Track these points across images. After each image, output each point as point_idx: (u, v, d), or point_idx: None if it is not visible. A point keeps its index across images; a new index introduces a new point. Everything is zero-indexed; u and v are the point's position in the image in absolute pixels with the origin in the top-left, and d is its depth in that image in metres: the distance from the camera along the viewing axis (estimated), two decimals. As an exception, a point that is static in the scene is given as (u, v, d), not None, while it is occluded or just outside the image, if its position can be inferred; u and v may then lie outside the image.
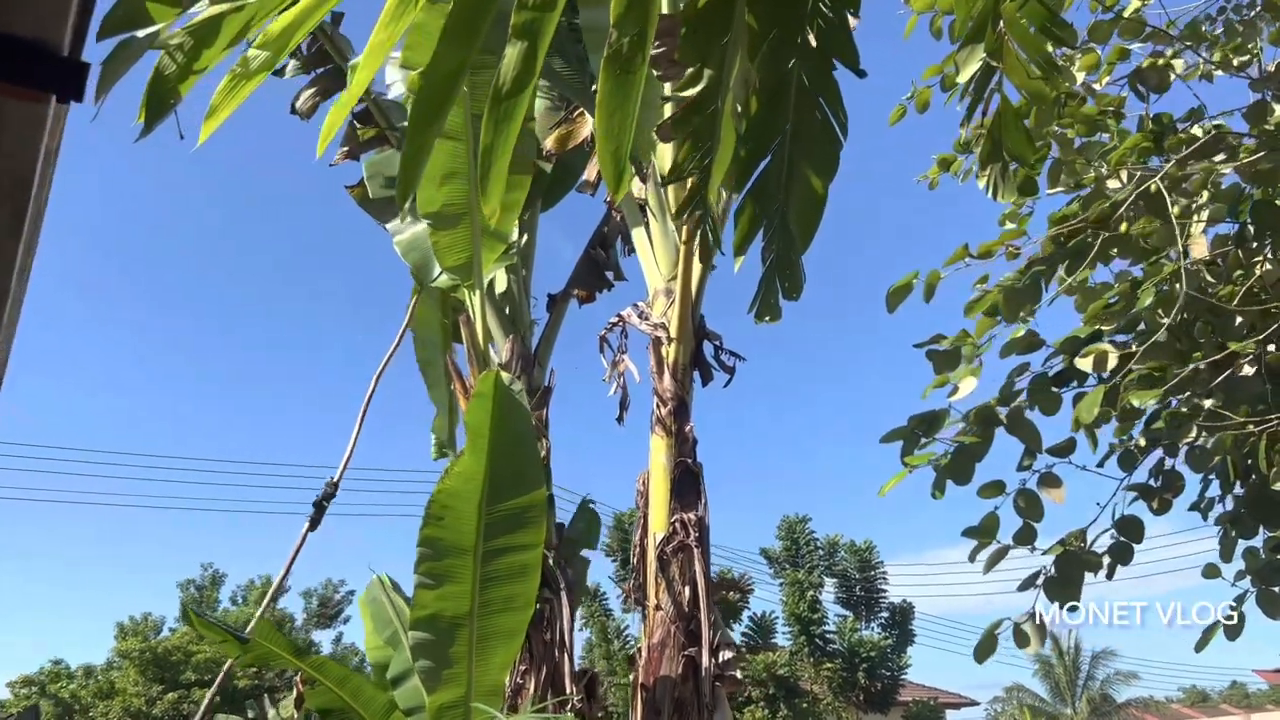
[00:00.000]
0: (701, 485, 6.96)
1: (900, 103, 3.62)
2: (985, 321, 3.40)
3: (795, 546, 34.82)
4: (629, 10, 3.08)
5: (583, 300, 10.14)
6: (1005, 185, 3.11)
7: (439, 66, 3.09)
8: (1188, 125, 3.56)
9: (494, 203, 3.44)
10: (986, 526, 2.76)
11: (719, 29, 2.96)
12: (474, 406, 5.97)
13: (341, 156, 9.41)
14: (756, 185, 3.10)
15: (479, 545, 6.22)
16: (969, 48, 2.91)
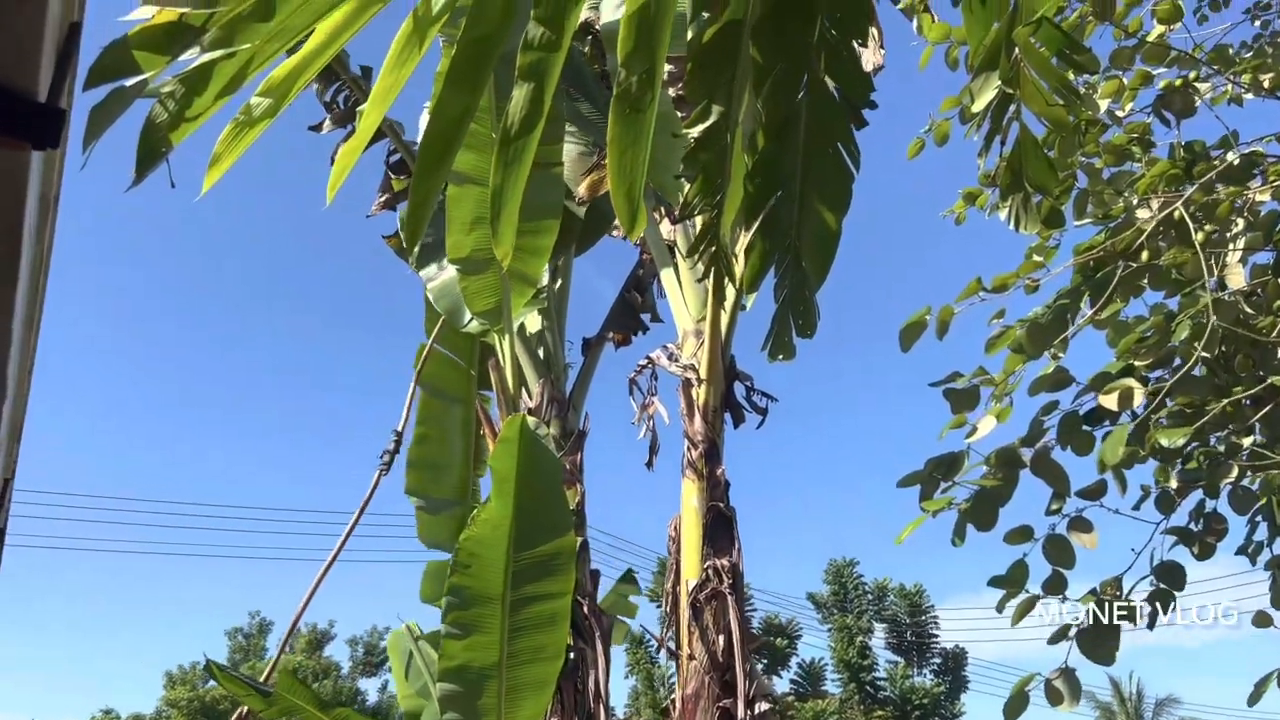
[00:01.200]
0: (735, 530, 6.81)
1: (919, 135, 3.53)
2: (1014, 358, 3.27)
3: (843, 591, 34.24)
4: (636, 49, 3.04)
5: (618, 343, 10.08)
6: (1028, 216, 3.00)
7: (444, 112, 3.07)
8: (1221, 153, 3.43)
9: (505, 245, 3.39)
10: (1014, 575, 2.62)
11: (725, 65, 2.90)
12: (500, 452, 5.91)
13: (379, 207, 9.50)
14: (767, 221, 3.01)
15: (507, 594, 6.13)
16: (983, 76, 2.82)
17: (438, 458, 8.55)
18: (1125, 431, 2.50)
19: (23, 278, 2.52)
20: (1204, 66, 3.07)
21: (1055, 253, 3.36)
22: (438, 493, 8.52)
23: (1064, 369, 3.03)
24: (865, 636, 32.86)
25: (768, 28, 2.72)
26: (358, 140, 3.12)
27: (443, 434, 8.66)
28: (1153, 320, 3.06)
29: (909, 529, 2.69)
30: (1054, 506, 2.69)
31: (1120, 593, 2.63)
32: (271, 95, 2.73)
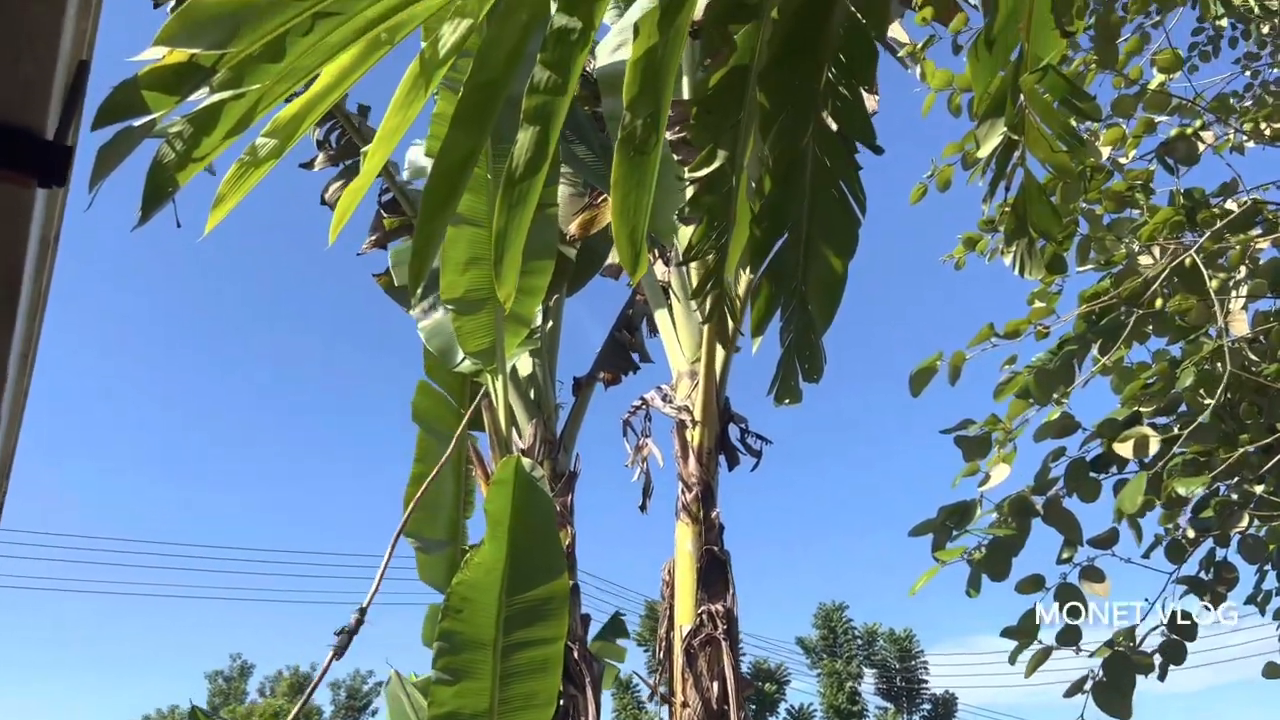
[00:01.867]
0: (729, 575, 6.74)
1: (921, 181, 3.54)
2: (1018, 404, 3.26)
3: (833, 635, 34.01)
4: (642, 93, 3.04)
5: (608, 383, 10.06)
6: (1032, 262, 3.00)
7: (450, 153, 3.06)
8: (1221, 200, 3.45)
9: (509, 286, 3.38)
10: (1025, 626, 2.58)
11: (731, 110, 2.90)
12: (494, 493, 5.84)
13: (369, 245, 9.49)
14: (773, 265, 3.00)
15: (499, 639, 6.03)
16: (989, 122, 2.83)
17: (433, 497, 8.47)
18: (1143, 480, 2.48)
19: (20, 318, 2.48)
20: (1206, 114, 3.09)
21: (1058, 298, 3.35)
22: (432, 533, 8.44)
23: (1070, 415, 3.01)
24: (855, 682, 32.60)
25: (775, 74, 2.73)
26: (362, 181, 3.11)
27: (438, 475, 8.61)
28: (1157, 367, 3.05)
29: (923, 579, 2.65)
30: (1065, 555, 2.66)
31: (1135, 643, 2.60)
32: (277, 136, 2.71)
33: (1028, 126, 2.80)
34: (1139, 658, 2.56)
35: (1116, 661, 2.53)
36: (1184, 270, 2.84)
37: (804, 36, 2.72)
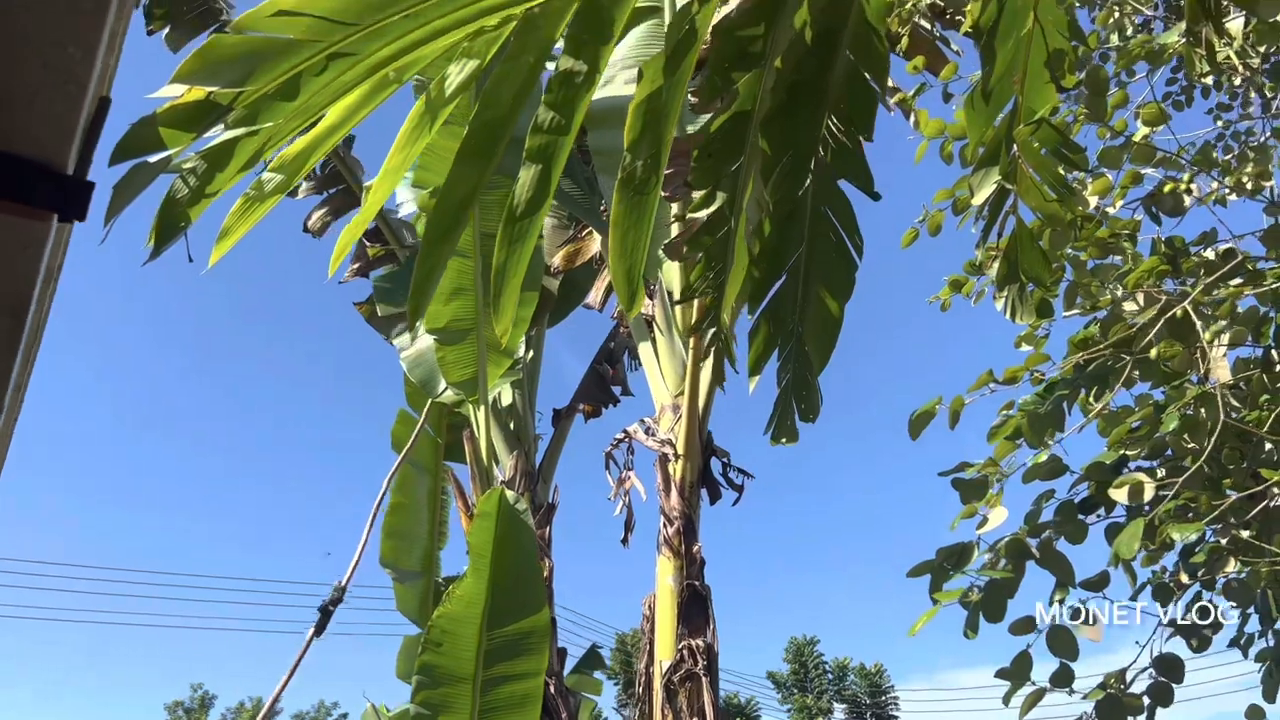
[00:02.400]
0: (710, 609, 6.72)
1: (913, 226, 3.61)
2: (1005, 446, 3.31)
3: (803, 670, 33.92)
4: (643, 135, 3.09)
5: (588, 415, 10.08)
6: (1023, 307, 3.06)
7: (454, 188, 3.09)
8: (1200, 248, 3.54)
9: (506, 321, 3.41)
10: (1019, 668, 2.62)
11: (732, 154, 2.96)
12: (477, 526, 5.83)
13: (351, 274, 9.49)
14: (771, 306, 3.05)
15: (478, 673, 6.01)
16: (983, 171, 2.90)
17: (408, 528, 8.43)
18: (1140, 525, 2.54)
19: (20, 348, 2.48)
20: (1191, 167, 3.19)
21: (1045, 342, 3.43)
22: (407, 564, 8.38)
23: (1058, 457, 3.07)
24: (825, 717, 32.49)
25: (777, 121, 2.79)
26: (365, 215, 3.13)
27: (414, 503, 8.56)
28: (1142, 412, 3.12)
29: (922, 620, 2.69)
30: (1058, 597, 2.71)
31: (1125, 685, 2.64)
32: (283, 171, 2.74)
33: (1020, 176, 2.88)
34: (1129, 699, 2.60)
35: (1108, 704, 2.57)
36: (1173, 318, 2.92)
37: (807, 86, 2.78)
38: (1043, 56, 2.68)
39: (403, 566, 8.37)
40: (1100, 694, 2.60)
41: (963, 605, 2.69)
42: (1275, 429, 2.94)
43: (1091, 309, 3.47)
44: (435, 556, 9.12)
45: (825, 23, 2.66)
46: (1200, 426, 3.08)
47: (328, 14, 2.30)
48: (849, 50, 2.77)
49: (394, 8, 2.39)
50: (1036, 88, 2.76)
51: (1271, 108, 3.35)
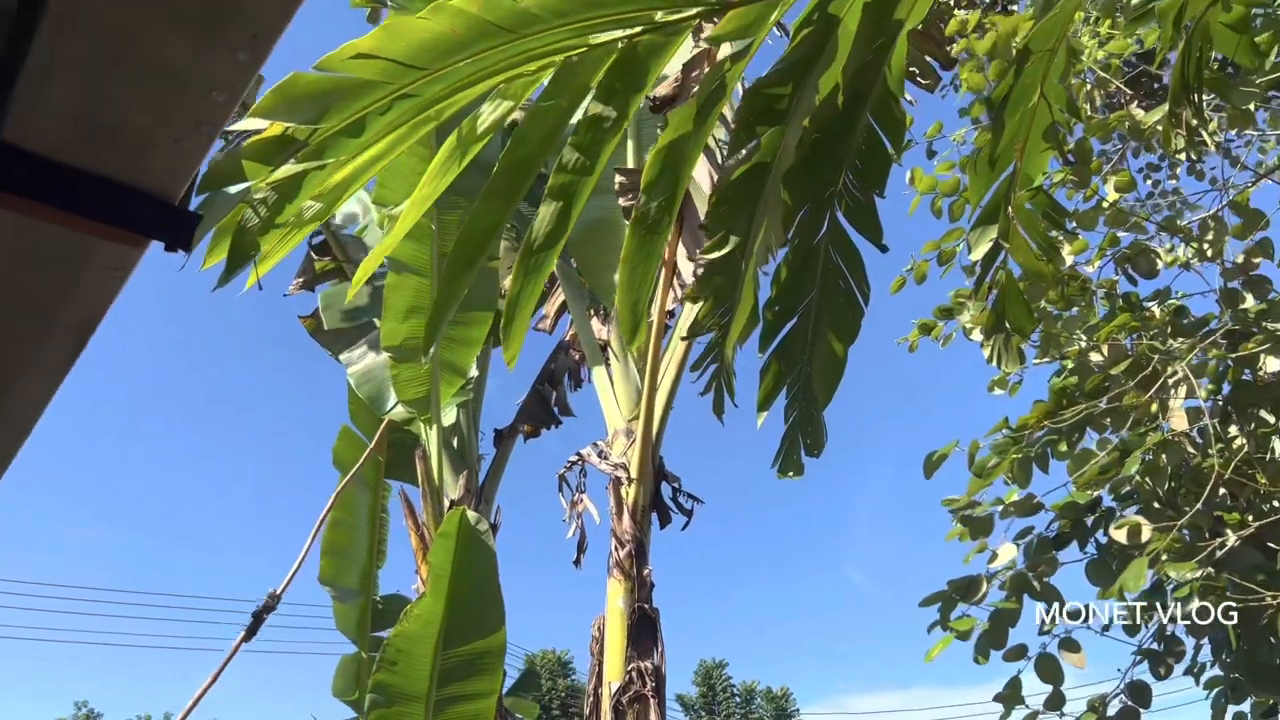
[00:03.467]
0: (659, 631, 6.86)
1: (900, 274, 3.85)
2: (976, 483, 3.55)
3: (712, 693, 34.16)
4: (660, 177, 3.24)
5: (528, 435, 10.14)
6: (1008, 355, 3.30)
7: (478, 222, 3.20)
8: (1154, 304, 3.85)
9: (514, 349, 3.51)
10: (1012, 692, 2.83)
11: (747, 202, 3.13)
12: (438, 546, 5.87)
13: (297, 287, 9.38)
14: (782, 346, 3.23)
15: (432, 692, 6.03)
16: (981, 229, 3.13)
17: (348, 545, 8.34)
18: (1144, 563, 2.77)
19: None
20: (1162, 233, 3.49)
21: (1019, 388, 3.68)
22: (346, 582, 8.29)
23: (1033, 495, 3.31)
24: (732, 739, 32.72)
25: (800, 175, 2.97)
26: (392, 239, 3.21)
27: (354, 521, 8.47)
28: (1108, 455, 3.38)
29: (938, 648, 2.88)
30: (1047, 627, 2.93)
31: (1104, 709, 2.87)
32: (323, 200, 2.81)
33: (1013, 234, 3.12)
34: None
35: (1096, 727, 2.80)
36: (1139, 370, 3.18)
37: (830, 143, 2.97)
38: (1042, 128, 2.93)
39: (342, 584, 8.28)
40: (1092, 717, 2.82)
41: (960, 637, 2.90)
42: (1231, 475, 3.22)
43: (1061, 357, 3.73)
44: (373, 575, 9.03)
45: (854, 88, 2.86)
46: (1160, 470, 3.35)
47: (401, 58, 2.40)
48: (870, 113, 2.98)
49: (460, 54, 2.50)
50: (1034, 156, 3.00)
51: (1228, 182, 3.69)
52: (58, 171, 1.81)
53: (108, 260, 2.06)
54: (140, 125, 1.73)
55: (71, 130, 1.73)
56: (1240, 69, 3.14)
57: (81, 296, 2.15)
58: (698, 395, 3.60)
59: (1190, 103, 2.84)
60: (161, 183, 1.87)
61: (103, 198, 1.84)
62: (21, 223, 1.88)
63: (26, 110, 1.69)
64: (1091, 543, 3.30)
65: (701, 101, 2.96)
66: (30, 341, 2.23)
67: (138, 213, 1.88)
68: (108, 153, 1.80)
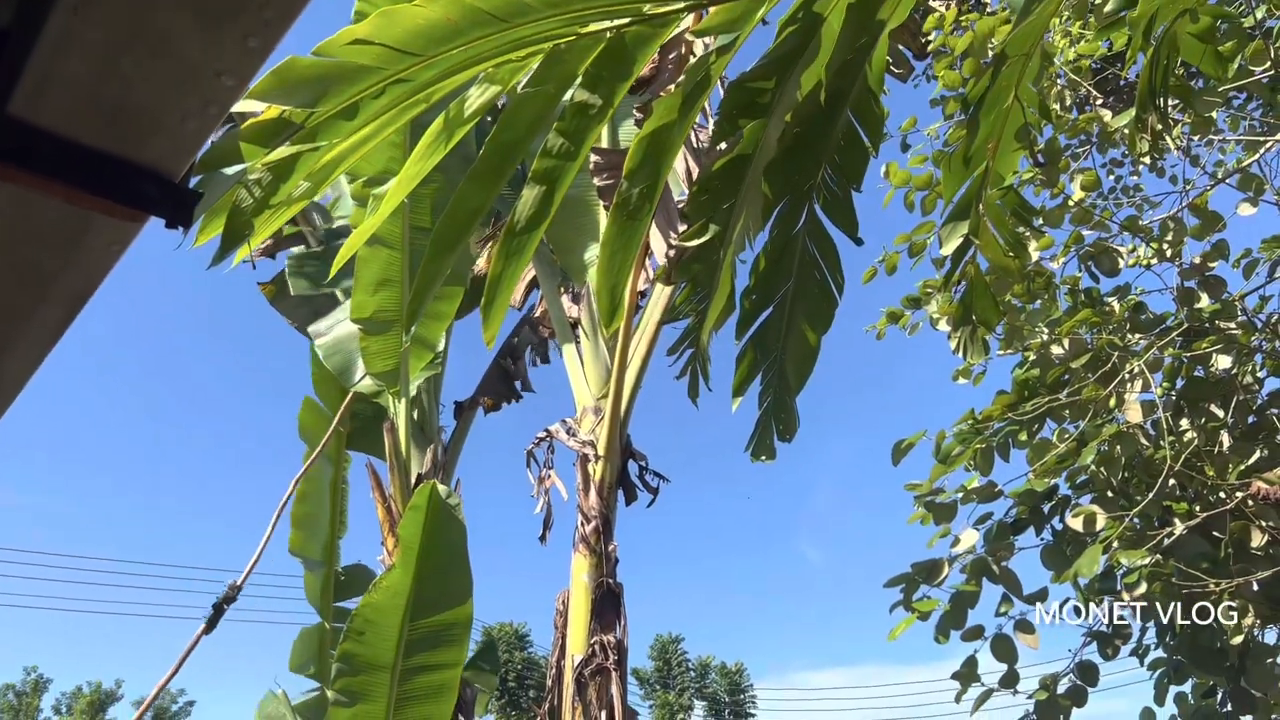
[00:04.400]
0: (622, 606, 6.97)
1: (872, 265, 3.95)
2: (939, 469, 3.67)
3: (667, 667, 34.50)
4: (643, 165, 3.31)
5: (488, 409, 10.17)
6: (974, 347, 3.42)
7: (463, 203, 3.25)
8: (1114, 300, 3.99)
9: (494, 328, 3.57)
10: (968, 670, 2.96)
11: (728, 192, 3.21)
12: (408, 519, 5.92)
13: (259, 254, 9.32)
14: (758, 334, 3.32)
15: (398, 662, 6.09)
16: (952, 225, 3.24)
17: (315, 516, 8.34)
18: (1099, 550, 2.91)
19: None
20: (1123, 233, 3.62)
21: (982, 378, 3.81)
22: (312, 553, 8.31)
23: (994, 483, 3.44)
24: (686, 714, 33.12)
25: (780, 167, 3.05)
26: (377, 218, 3.25)
27: (319, 493, 8.46)
28: (1066, 445, 3.52)
29: (901, 628, 3.00)
30: (1003, 609, 3.07)
31: (1055, 687, 3.01)
32: (311, 180, 2.84)
33: (982, 231, 3.22)
34: (1062, 701, 2.98)
35: (1048, 705, 2.94)
36: (1099, 365, 3.31)
37: (810, 137, 3.05)
38: (1015, 129, 3.03)
39: (309, 556, 8.30)
40: (1044, 695, 2.96)
41: (920, 618, 3.02)
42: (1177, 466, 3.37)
43: (1024, 349, 3.86)
44: (335, 546, 9.04)
45: (835, 85, 2.94)
46: (1115, 461, 3.50)
47: (397, 44, 2.44)
48: (851, 110, 3.06)
49: (454, 41, 2.54)
50: (1006, 155, 3.11)
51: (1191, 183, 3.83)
52: (63, 147, 1.84)
53: (107, 235, 2.09)
54: (148, 105, 1.77)
55: (80, 107, 1.77)
56: (1206, 77, 3.26)
57: (78, 269, 2.18)
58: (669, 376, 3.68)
59: (1156, 109, 2.95)
60: (165, 161, 1.91)
61: (107, 174, 1.87)
62: (24, 195, 1.91)
63: (36, 85, 1.71)
64: (1047, 529, 3.44)
65: (686, 92, 3.02)
66: (25, 312, 2.26)
67: (140, 189, 1.91)
68: (114, 130, 1.84)
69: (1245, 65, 3.12)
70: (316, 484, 8.57)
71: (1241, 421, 3.54)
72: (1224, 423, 3.43)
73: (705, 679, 35.85)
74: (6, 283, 2.16)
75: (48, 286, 2.18)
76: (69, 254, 2.10)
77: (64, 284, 2.21)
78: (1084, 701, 3.09)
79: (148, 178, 1.95)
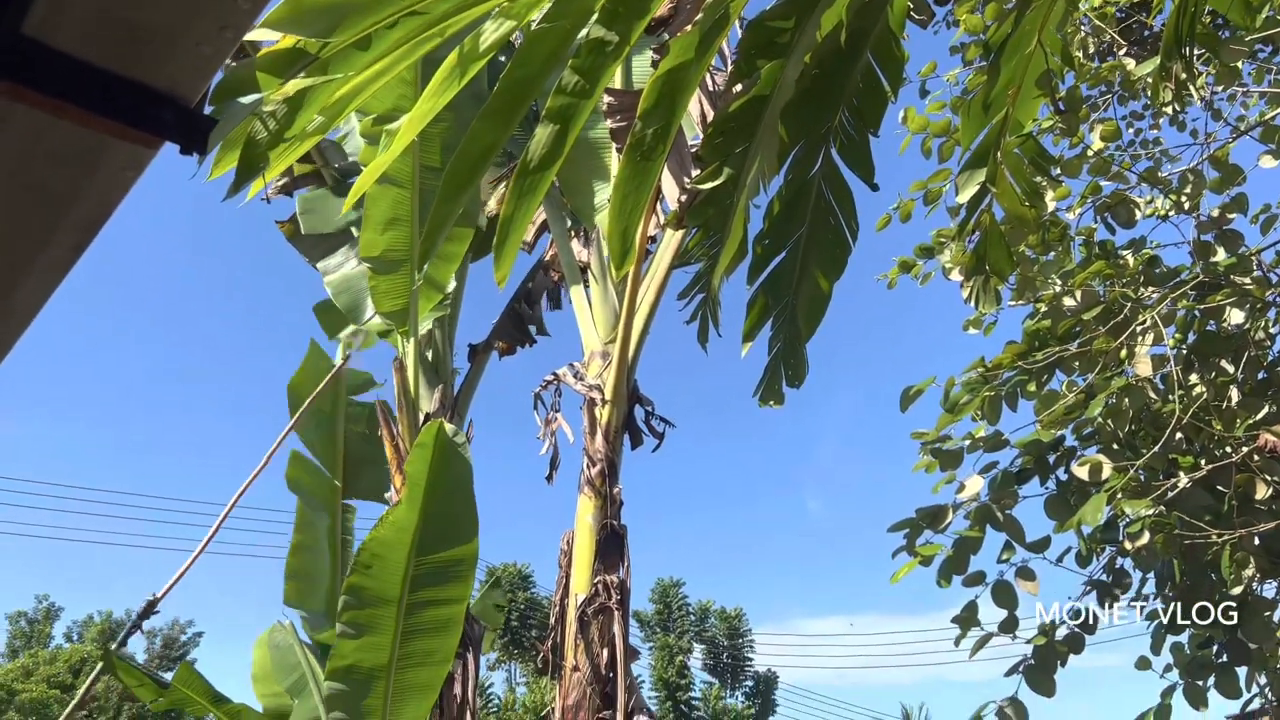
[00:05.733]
0: (625, 548, 7.06)
1: (887, 212, 3.92)
2: (945, 419, 3.68)
3: (668, 610, 34.92)
4: (657, 105, 3.28)
5: (503, 353, 10.18)
6: (986, 296, 3.40)
7: (475, 142, 3.22)
8: (1130, 253, 3.96)
9: (505, 269, 3.56)
10: (968, 614, 3.00)
11: (742, 135, 3.18)
12: (414, 457, 5.96)
13: (275, 191, 9.28)
14: (769, 279, 3.31)
15: (404, 597, 6.17)
16: (969, 172, 3.21)
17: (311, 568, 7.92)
18: (1104, 498, 2.92)
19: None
20: (1141, 184, 3.58)
21: (994, 328, 3.80)
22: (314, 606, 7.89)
23: (1000, 433, 3.45)
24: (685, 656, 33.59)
25: (797, 110, 3.02)
26: (389, 155, 3.23)
27: (315, 543, 8.05)
28: (1074, 396, 3.52)
29: (903, 571, 3.04)
30: (1004, 556, 3.10)
31: (1054, 634, 3.05)
32: (325, 114, 2.82)
33: (999, 179, 3.20)
34: (1060, 647, 3.02)
35: (1046, 650, 2.98)
36: (1110, 317, 3.30)
37: (829, 79, 3.01)
38: (1036, 75, 2.99)
39: (310, 609, 7.91)
40: (1042, 640, 3.00)
41: (923, 563, 3.05)
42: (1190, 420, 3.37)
43: (1036, 300, 3.84)
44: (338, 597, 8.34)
45: (856, 24, 2.90)
46: (1122, 414, 3.50)
47: (413, -27, 2.41)
48: (871, 52, 3.02)
49: (470, -28, 2.51)
50: (1026, 102, 3.07)
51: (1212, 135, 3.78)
52: (78, 69, 1.83)
53: (121, 160, 2.09)
54: (164, 26, 1.75)
55: (95, 28, 1.75)
56: (1232, 26, 3.21)
57: (93, 195, 2.18)
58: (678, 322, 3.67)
59: (1181, 58, 2.90)
60: (180, 85, 1.90)
61: (122, 97, 1.86)
62: (40, 119, 1.90)
63: (51, 5, 1.70)
64: (1052, 479, 3.46)
65: (704, 31, 2.98)
66: (40, 237, 2.26)
67: (155, 114, 1.90)
68: (129, 53, 1.82)
69: (1274, 15, 3.07)
70: (313, 534, 8.01)
71: (1251, 377, 3.53)
72: (1234, 378, 3.43)
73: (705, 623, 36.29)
74: (21, 205, 2.16)
75: (62, 210, 2.18)
76: (82, 178, 2.10)
77: (78, 209, 2.21)
78: (1081, 648, 3.14)
79: (162, 102, 1.94)
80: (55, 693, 32.10)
